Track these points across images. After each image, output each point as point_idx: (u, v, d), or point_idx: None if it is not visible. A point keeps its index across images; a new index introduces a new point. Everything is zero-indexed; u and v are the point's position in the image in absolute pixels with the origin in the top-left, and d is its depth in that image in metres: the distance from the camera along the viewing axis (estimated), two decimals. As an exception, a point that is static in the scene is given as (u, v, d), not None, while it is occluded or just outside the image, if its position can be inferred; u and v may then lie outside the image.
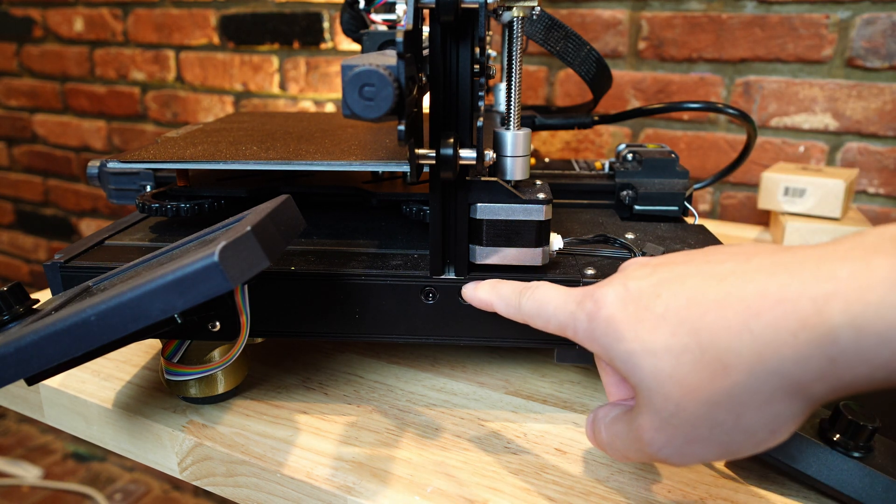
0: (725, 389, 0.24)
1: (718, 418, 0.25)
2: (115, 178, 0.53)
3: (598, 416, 0.32)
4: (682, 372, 0.25)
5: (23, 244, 1.72)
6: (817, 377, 0.22)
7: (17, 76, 1.55)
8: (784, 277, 0.23)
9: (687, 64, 0.90)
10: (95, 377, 0.47)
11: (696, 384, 0.25)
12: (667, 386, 0.26)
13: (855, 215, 0.75)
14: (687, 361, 0.25)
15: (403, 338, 0.41)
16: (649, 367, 0.26)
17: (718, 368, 0.24)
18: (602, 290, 0.29)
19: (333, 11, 1.14)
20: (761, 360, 0.23)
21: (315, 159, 0.43)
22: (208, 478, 0.40)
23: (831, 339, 0.22)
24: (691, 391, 0.25)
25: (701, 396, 0.25)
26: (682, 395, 0.25)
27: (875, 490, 0.33)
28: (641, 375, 0.26)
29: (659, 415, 0.26)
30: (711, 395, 0.25)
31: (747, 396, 0.24)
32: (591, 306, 0.29)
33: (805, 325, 0.22)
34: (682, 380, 0.25)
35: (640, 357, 0.26)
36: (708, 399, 0.25)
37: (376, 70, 0.29)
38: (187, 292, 0.28)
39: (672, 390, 0.25)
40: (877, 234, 0.22)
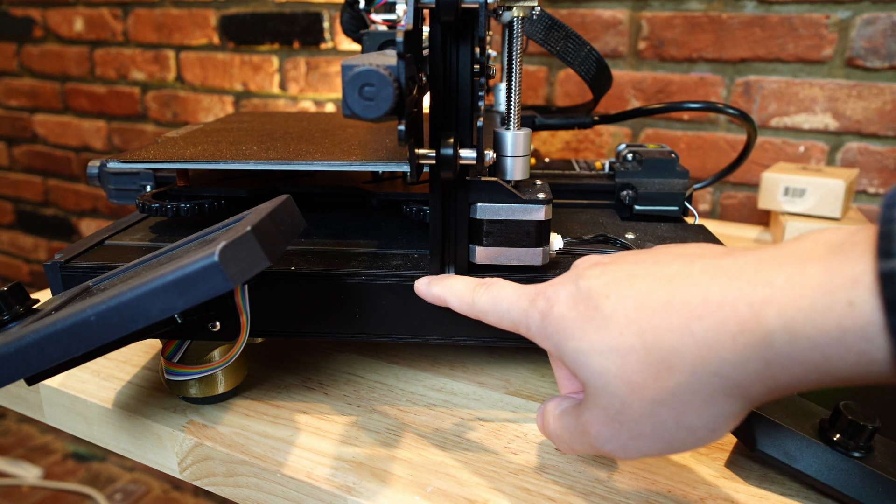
0: (669, 389, 0.25)
1: (662, 416, 0.26)
2: (115, 178, 0.53)
3: (548, 408, 0.33)
4: (627, 371, 0.26)
5: (23, 244, 1.72)
6: (755, 379, 0.23)
7: (17, 76, 1.55)
8: (724, 281, 0.24)
9: (687, 64, 0.90)
10: (95, 377, 0.47)
11: (641, 383, 0.26)
12: (613, 384, 0.27)
13: (855, 215, 0.75)
14: (633, 361, 0.26)
15: (403, 338, 0.41)
16: (597, 366, 0.27)
17: (662, 368, 0.25)
18: (554, 289, 0.30)
19: (333, 11, 1.14)
20: (702, 362, 0.24)
21: (315, 159, 0.43)
22: (208, 478, 0.40)
23: (767, 342, 0.22)
24: (636, 390, 0.26)
25: (646, 395, 0.26)
26: (627, 393, 0.26)
27: (875, 490, 0.33)
28: (589, 373, 0.27)
29: (605, 411, 0.27)
30: (656, 394, 0.26)
31: (689, 396, 0.25)
32: (544, 304, 0.30)
33: (743, 329, 0.23)
34: (627, 379, 0.26)
35: (588, 356, 0.27)
36: (652, 398, 0.26)
37: (376, 70, 0.29)
38: (187, 292, 0.28)
39: (618, 388, 0.26)
40: (812, 239, 0.23)
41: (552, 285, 0.30)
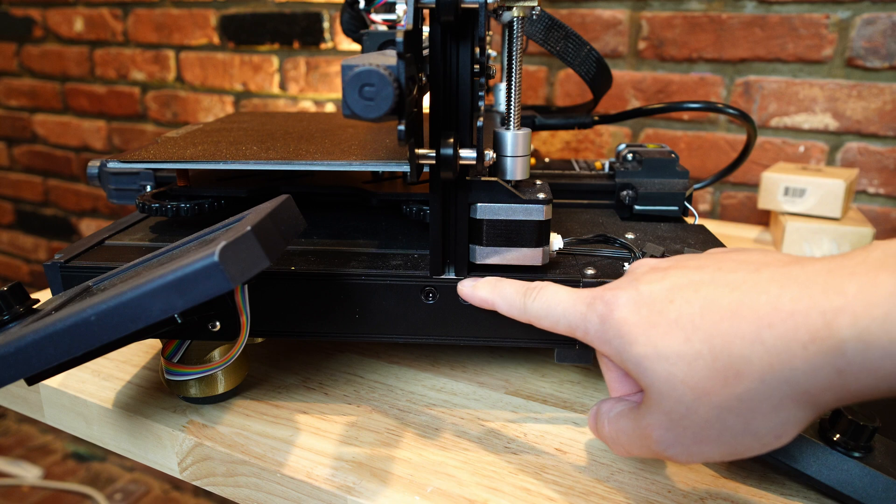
0: (737, 395, 0.25)
1: (728, 422, 0.26)
2: (115, 178, 0.53)
3: (601, 410, 0.33)
4: (695, 377, 0.26)
5: (23, 244, 1.72)
6: (825, 387, 0.23)
7: (17, 76, 1.55)
8: (795, 290, 0.24)
9: (687, 64, 0.90)
10: (95, 377, 0.47)
11: (709, 389, 0.26)
12: (679, 390, 0.26)
13: (855, 215, 0.75)
14: (700, 367, 0.26)
15: (403, 338, 0.41)
16: (662, 371, 0.27)
17: (730, 375, 0.25)
18: (614, 293, 0.30)
19: (333, 11, 1.14)
20: (772, 370, 0.24)
21: (315, 159, 0.43)
22: (208, 478, 0.40)
23: (839, 352, 0.22)
24: (703, 395, 0.26)
25: (713, 401, 0.26)
26: (693, 398, 0.26)
27: (875, 490, 0.33)
28: (653, 378, 0.27)
29: (669, 416, 0.27)
30: (723, 401, 0.25)
31: (757, 403, 0.25)
32: (603, 309, 0.30)
33: (815, 338, 0.23)
34: (694, 385, 0.26)
35: (652, 361, 0.27)
36: (719, 404, 0.26)
37: (376, 70, 0.29)
38: (187, 292, 0.28)
39: (684, 394, 0.26)
40: (882, 249, 0.23)
41: (610, 289, 0.30)
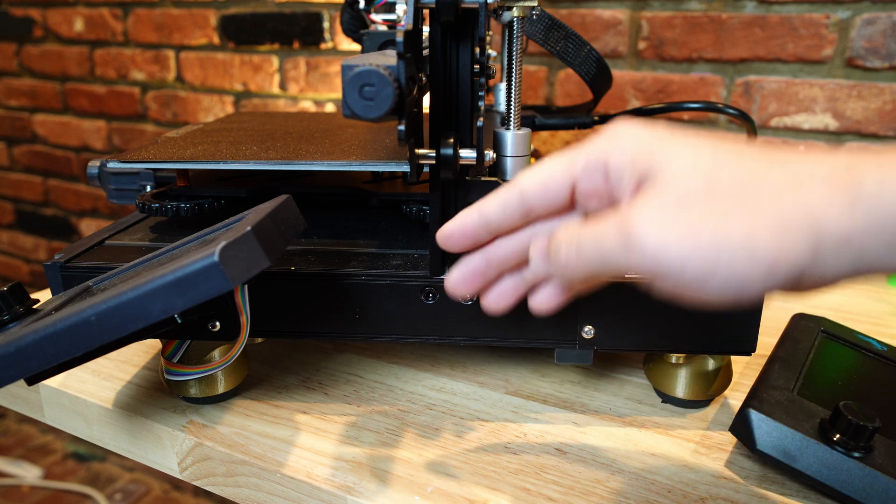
0: (751, 195, 0.24)
1: (732, 209, 0.24)
2: (115, 178, 0.53)
3: (559, 227, 0.29)
4: (717, 162, 0.25)
5: (23, 244, 1.72)
6: (836, 218, 0.23)
7: (17, 76, 1.55)
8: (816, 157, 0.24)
9: (687, 64, 0.90)
10: (95, 377, 0.47)
11: (728, 179, 0.25)
12: (693, 169, 0.25)
13: (855, 215, 0.75)
14: (722, 157, 0.25)
15: (403, 338, 0.41)
16: (682, 153, 0.26)
17: (747, 181, 0.25)
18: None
19: (333, 11, 1.14)
20: (790, 190, 0.24)
21: (315, 159, 0.43)
22: (208, 478, 0.40)
23: (857, 183, 0.22)
24: (719, 180, 0.25)
25: (724, 188, 0.25)
26: (705, 177, 0.25)
27: (875, 490, 0.33)
28: (669, 161, 0.26)
29: (676, 194, 0.25)
30: (737, 190, 0.24)
31: (765, 210, 0.24)
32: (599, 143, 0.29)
33: (835, 173, 0.23)
34: (713, 167, 0.25)
35: (673, 145, 0.26)
36: (731, 192, 0.24)
37: (376, 70, 0.29)
38: (187, 292, 0.28)
39: (698, 171, 0.25)
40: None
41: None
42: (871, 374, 0.43)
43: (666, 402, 0.44)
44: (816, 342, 0.45)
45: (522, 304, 0.40)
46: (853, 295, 0.64)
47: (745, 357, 0.50)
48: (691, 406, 0.44)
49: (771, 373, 0.40)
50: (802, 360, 0.42)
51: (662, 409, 0.44)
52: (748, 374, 0.48)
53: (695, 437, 0.41)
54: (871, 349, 0.45)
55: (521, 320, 0.40)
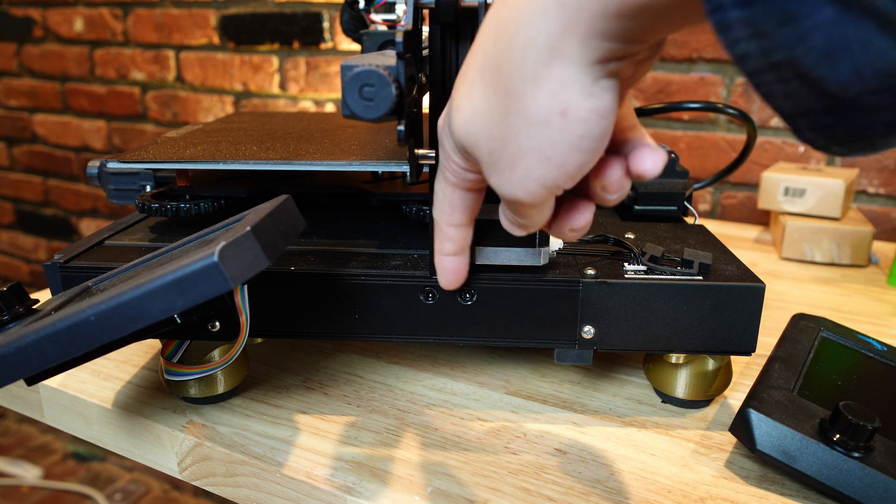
0: (501, 95, 0.25)
1: (514, 127, 0.25)
2: (115, 178, 0.53)
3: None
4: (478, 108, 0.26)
5: (23, 244, 1.72)
6: (561, 30, 0.22)
7: (17, 76, 1.55)
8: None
9: (687, 64, 0.90)
10: (95, 377, 0.47)
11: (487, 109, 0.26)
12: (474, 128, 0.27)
13: (855, 215, 0.75)
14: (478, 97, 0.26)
15: (403, 338, 0.41)
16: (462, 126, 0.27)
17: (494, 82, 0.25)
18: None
19: (333, 11, 1.14)
20: (510, 43, 0.23)
21: (315, 159, 0.43)
22: (208, 478, 0.40)
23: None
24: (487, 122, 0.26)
25: (492, 118, 0.25)
26: (483, 128, 0.26)
27: (875, 490, 0.33)
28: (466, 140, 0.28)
29: (483, 160, 0.27)
30: (498, 110, 0.25)
31: (516, 89, 0.24)
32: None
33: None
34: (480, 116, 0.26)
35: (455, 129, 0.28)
36: (497, 114, 0.25)
37: (376, 70, 0.29)
38: (187, 292, 0.28)
39: (477, 129, 0.26)
40: None
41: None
42: (871, 374, 0.43)
43: (666, 403, 0.44)
44: (816, 342, 0.45)
45: (522, 304, 0.40)
46: (853, 295, 0.64)
47: (745, 357, 0.50)
48: (691, 406, 0.44)
49: (771, 373, 0.40)
50: (802, 360, 0.42)
51: (662, 409, 0.44)
52: (748, 374, 0.48)
53: (695, 437, 0.41)
54: (871, 349, 0.45)
55: (522, 320, 0.40)
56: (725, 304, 0.39)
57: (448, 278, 0.36)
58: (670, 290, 0.39)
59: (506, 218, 0.31)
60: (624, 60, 0.23)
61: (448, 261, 0.35)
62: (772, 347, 0.44)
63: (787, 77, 0.19)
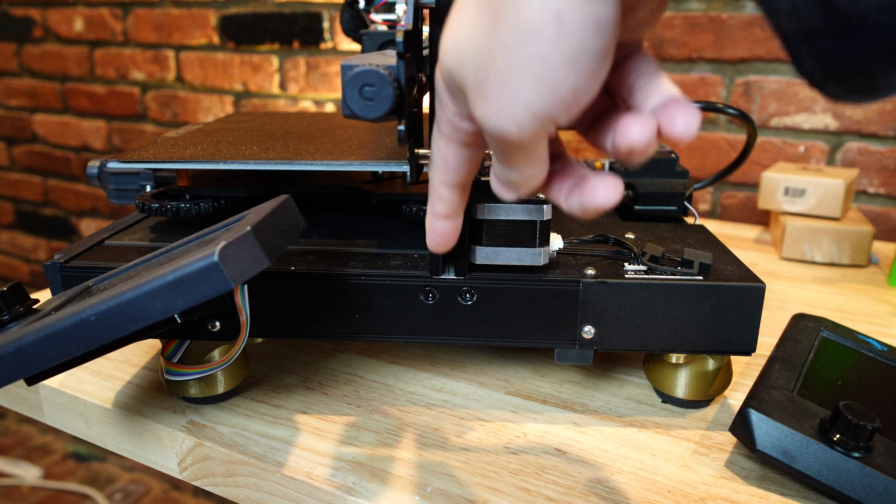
0: (492, 4, 0.23)
1: (503, 38, 0.22)
2: (115, 178, 0.53)
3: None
4: (468, 24, 0.24)
5: (23, 244, 1.72)
6: None
7: (17, 76, 1.55)
8: None
9: (687, 64, 0.90)
10: (95, 377, 0.47)
11: (476, 23, 0.24)
12: (464, 49, 0.24)
13: (855, 215, 0.75)
14: (469, 13, 0.24)
15: (403, 338, 0.41)
16: (448, 54, 0.25)
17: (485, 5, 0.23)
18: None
19: (333, 11, 1.14)
20: None
21: (315, 159, 0.43)
22: (208, 478, 0.40)
23: None
24: (475, 36, 0.24)
25: (481, 32, 0.23)
26: (471, 45, 0.24)
27: (875, 490, 0.33)
28: (451, 76, 0.25)
29: (470, 88, 0.25)
30: (488, 21, 0.23)
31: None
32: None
33: None
34: (468, 32, 0.24)
35: (445, 61, 0.25)
36: (487, 26, 0.23)
37: (376, 70, 0.29)
38: (187, 292, 0.28)
39: (464, 48, 0.24)
40: None
41: None
42: (871, 374, 0.43)
43: (666, 403, 0.44)
44: (816, 342, 0.45)
45: (522, 304, 0.40)
46: (853, 295, 0.64)
47: (745, 357, 0.50)
48: (691, 406, 0.44)
49: (771, 373, 0.40)
50: (802, 360, 0.42)
51: (662, 409, 0.44)
52: (748, 374, 0.48)
53: (695, 437, 0.41)
54: (871, 349, 0.45)
55: (522, 320, 0.40)
56: (725, 304, 0.39)
57: (436, 241, 0.33)
58: (670, 290, 0.39)
59: (496, 178, 0.29)
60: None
61: (438, 223, 0.33)
62: (772, 347, 0.44)
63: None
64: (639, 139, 0.24)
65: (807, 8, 0.18)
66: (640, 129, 0.24)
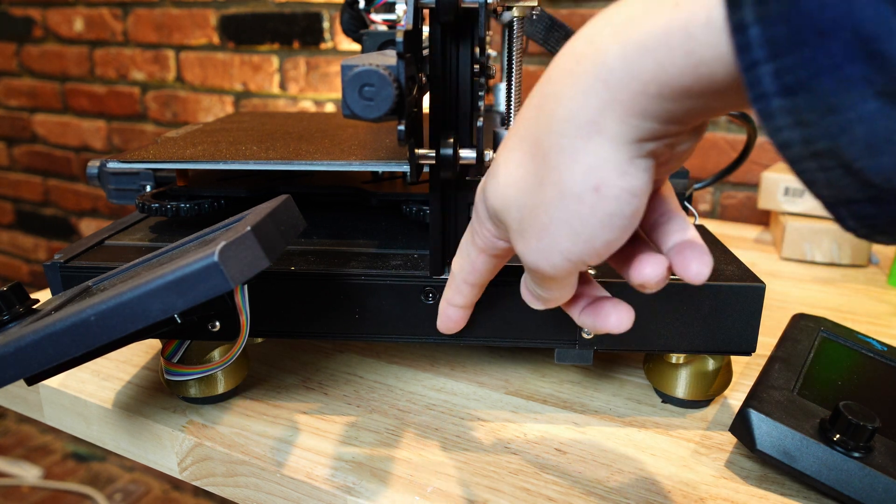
0: (540, 166, 0.25)
1: (546, 197, 0.25)
2: (115, 178, 0.53)
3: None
4: (511, 178, 0.27)
5: (23, 244, 1.72)
6: (601, 106, 0.22)
7: (17, 76, 1.55)
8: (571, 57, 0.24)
9: (687, 64, 0.90)
10: (95, 377, 0.47)
11: (522, 177, 0.26)
12: (505, 194, 0.27)
13: (855, 215, 0.75)
14: (513, 169, 0.27)
15: (403, 338, 0.41)
16: (492, 196, 0.28)
17: (534, 153, 0.25)
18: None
19: (333, 11, 1.14)
20: (552, 114, 0.24)
21: (315, 159, 0.43)
22: (208, 478, 0.40)
23: (602, 62, 0.22)
24: (520, 187, 0.26)
25: (527, 186, 0.26)
26: (515, 193, 0.27)
27: (875, 490, 0.33)
28: (493, 208, 0.28)
29: (511, 227, 0.28)
30: (533, 179, 0.26)
31: (555, 157, 0.24)
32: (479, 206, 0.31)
33: (579, 60, 0.23)
34: (515, 183, 0.27)
35: (488, 196, 0.28)
36: (532, 183, 0.26)
37: (376, 70, 0.29)
38: (187, 292, 0.28)
39: (508, 194, 0.27)
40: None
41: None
42: (871, 374, 0.43)
43: (666, 402, 0.44)
44: (816, 342, 0.45)
45: (522, 304, 0.40)
46: (853, 295, 0.64)
47: (745, 357, 0.50)
48: (691, 406, 0.44)
49: (771, 373, 0.40)
50: (802, 360, 0.42)
51: (662, 409, 0.44)
52: (748, 374, 0.48)
53: (695, 437, 0.41)
54: (871, 349, 0.45)
55: (521, 320, 0.40)
56: (725, 304, 0.39)
57: (448, 326, 0.37)
58: (670, 290, 0.39)
59: (527, 290, 0.32)
60: (661, 141, 0.23)
61: (454, 311, 0.37)
62: (772, 347, 0.44)
63: (830, 166, 0.19)
64: (651, 277, 0.27)
65: (842, 181, 0.19)
66: (653, 269, 0.27)
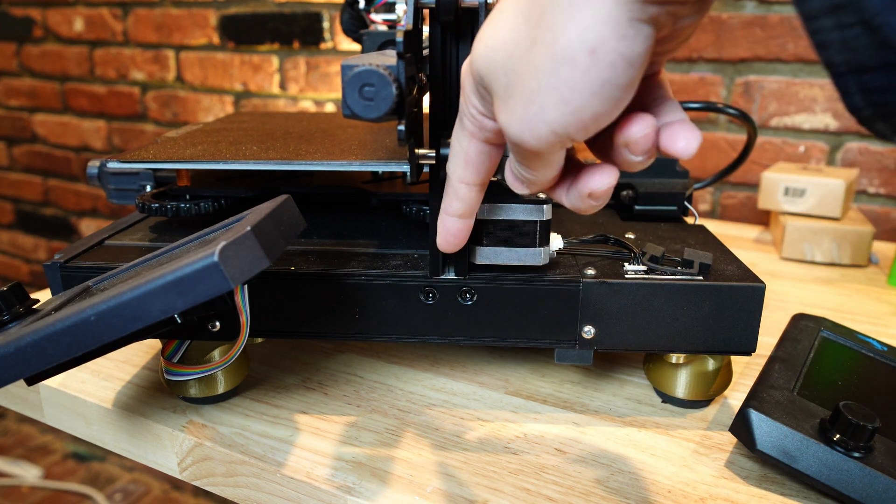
0: (531, 26, 0.23)
1: (537, 61, 0.23)
2: (115, 178, 0.53)
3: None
4: (504, 38, 0.25)
5: (23, 244, 1.72)
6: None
7: (17, 76, 1.55)
8: None
9: (687, 64, 0.90)
10: (95, 377, 0.47)
11: (513, 39, 0.24)
12: (495, 57, 0.25)
13: (855, 215, 0.75)
14: (507, 29, 0.25)
15: (403, 338, 0.41)
16: (482, 54, 0.26)
17: (527, 14, 0.24)
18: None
19: (333, 11, 1.14)
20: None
21: (315, 159, 0.43)
22: (208, 478, 0.40)
23: None
24: (510, 52, 0.25)
25: (517, 49, 0.24)
26: (504, 58, 0.25)
27: (875, 490, 0.33)
28: (482, 69, 0.26)
29: (497, 94, 0.26)
30: (525, 41, 0.24)
31: (548, 20, 0.23)
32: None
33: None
34: (504, 46, 0.25)
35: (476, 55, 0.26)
36: (523, 45, 0.24)
37: (376, 70, 0.29)
38: (187, 292, 0.28)
39: (498, 57, 0.25)
40: None
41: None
42: (871, 374, 0.43)
43: (666, 403, 0.44)
44: (816, 342, 0.45)
45: (522, 304, 0.40)
46: (853, 295, 0.64)
47: (745, 357, 0.50)
48: (691, 406, 0.44)
49: (771, 373, 0.40)
50: (802, 360, 0.42)
51: (662, 409, 0.44)
52: (748, 374, 0.48)
53: (695, 437, 0.41)
54: (871, 349, 0.45)
55: (522, 320, 0.40)
56: (725, 304, 0.39)
57: (447, 240, 0.34)
58: (670, 290, 0.39)
59: (511, 171, 0.30)
60: (664, 7, 0.22)
61: (452, 221, 0.33)
62: (772, 347, 0.44)
63: (848, 22, 0.18)
64: (635, 133, 0.25)
65: (859, 42, 0.18)
66: (640, 127, 0.25)
